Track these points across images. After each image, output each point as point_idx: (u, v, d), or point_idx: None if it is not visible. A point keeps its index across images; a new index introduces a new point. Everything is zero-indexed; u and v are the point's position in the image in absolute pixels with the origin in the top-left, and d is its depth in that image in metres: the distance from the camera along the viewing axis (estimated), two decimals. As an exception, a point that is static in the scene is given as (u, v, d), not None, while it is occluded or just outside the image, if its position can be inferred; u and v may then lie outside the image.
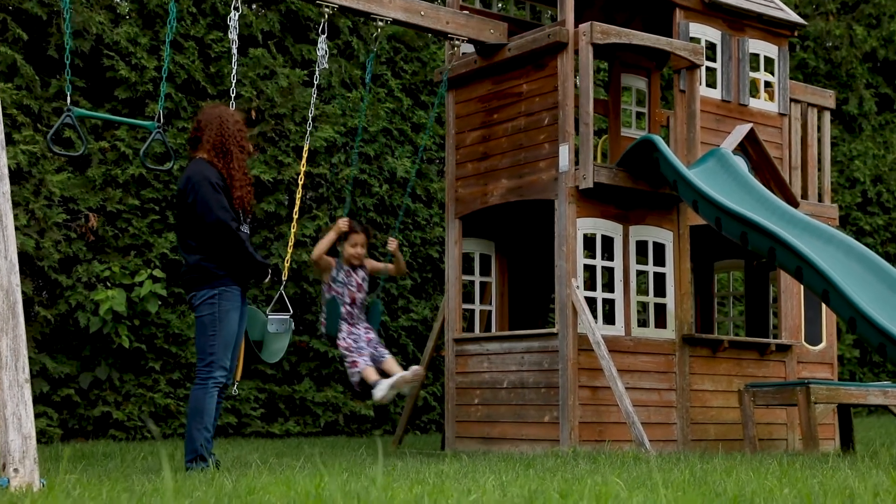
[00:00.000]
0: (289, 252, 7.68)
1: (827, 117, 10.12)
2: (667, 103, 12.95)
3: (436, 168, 12.54)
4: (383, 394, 6.98)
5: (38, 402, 9.62)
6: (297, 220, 7.66)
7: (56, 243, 9.75)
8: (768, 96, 9.65)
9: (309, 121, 8.17)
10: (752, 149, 9.13)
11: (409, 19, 8.35)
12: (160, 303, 10.17)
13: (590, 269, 8.77)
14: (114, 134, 10.29)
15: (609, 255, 8.64)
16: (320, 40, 7.82)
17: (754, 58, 9.55)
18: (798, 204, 9.20)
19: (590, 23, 8.34)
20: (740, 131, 9.07)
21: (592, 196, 8.40)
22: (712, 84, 9.33)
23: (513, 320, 9.86)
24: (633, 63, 9.66)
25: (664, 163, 8.16)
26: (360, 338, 7.28)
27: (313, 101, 7.92)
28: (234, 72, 7.38)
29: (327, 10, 7.84)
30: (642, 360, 8.48)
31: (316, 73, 7.95)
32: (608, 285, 8.63)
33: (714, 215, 7.71)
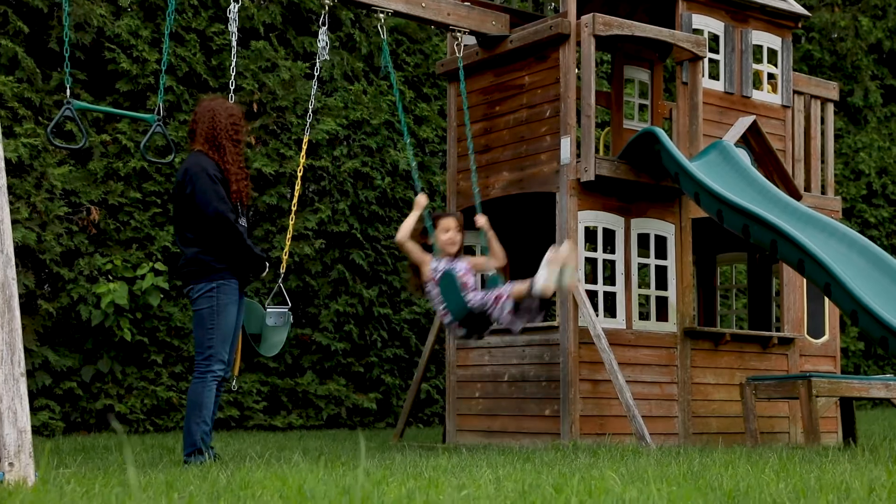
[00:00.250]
0: (287, 245, 7.67)
1: (830, 109, 10.08)
2: (670, 95, 12.90)
3: (438, 161, 12.51)
4: (545, 280, 6.08)
5: (40, 395, 9.63)
6: (295, 212, 7.64)
7: (58, 236, 9.75)
8: (771, 88, 9.60)
9: (310, 113, 8.15)
10: (754, 141, 9.09)
11: (410, 11, 8.32)
12: (162, 296, 10.17)
13: (591, 262, 8.74)
14: (115, 127, 10.28)
15: (611, 247, 8.61)
16: (321, 32, 7.79)
17: (757, 49, 9.50)
18: (801, 196, 9.16)
19: (592, 14, 8.31)
20: (743, 123, 9.03)
21: (594, 189, 8.37)
22: (715, 76, 9.29)
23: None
24: (636, 55, 9.61)
25: (666, 155, 8.13)
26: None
27: (314, 93, 7.89)
28: (233, 64, 7.37)
29: (328, 1, 7.81)
30: (644, 353, 8.46)
31: (317, 65, 7.93)
32: (610, 278, 8.61)
33: (716, 208, 7.68)
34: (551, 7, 10.29)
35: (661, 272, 8.77)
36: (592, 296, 8.44)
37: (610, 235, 8.56)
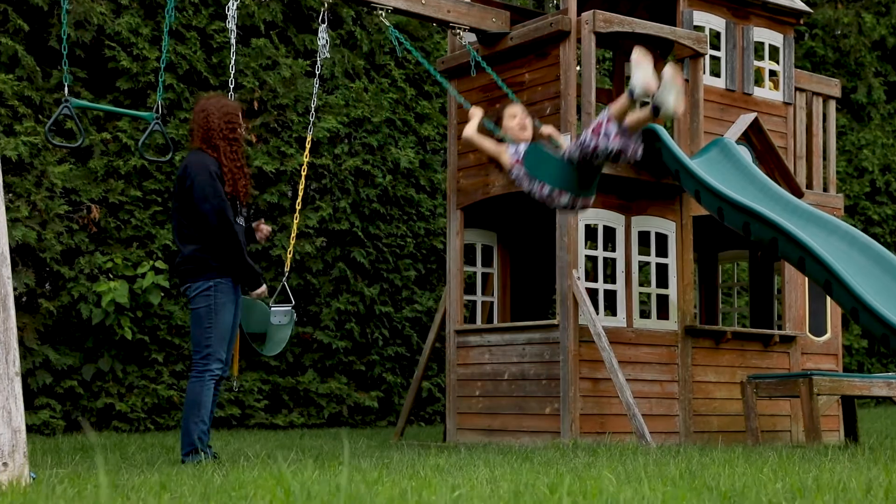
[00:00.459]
0: (291, 243, 7.66)
1: (832, 106, 10.03)
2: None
3: (440, 158, 12.49)
4: (641, 78, 5.30)
5: (40, 393, 9.62)
6: (300, 210, 7.62)
7: (58, 235, 9.74)
8: (773, 85, 9.56)
9: (312, 111, 8.13)
10: (756, 138, 9.06)
11: (410, 8, 8.30)
12: (163, 294, 10.16)
13: (592, 260, 8.71)
14: (116, 125, 10.27)
15: (611, 245, 8.58)
16: (321, 30, 7.78)
17: (759, 46, 9.46)
18: (803, 194, 9.13)
19: (592, 11, 8.28)
20: (744, 120, 9.00)
21: (594, 186, 8.33)
22: (716, 73, 9.26)
23: (515, 312, 9.81)
24: (637, 52, 9.57)
25: (666, 152, 8.10)
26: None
27: (315, 91, 7.87)
28: (233, 62, 7.35)
29: (328, -1, 7.79)
30: (644, 351, 8.43)
31: (317, 62, 7.91)
32: (610, 276, 8.58)
33: (716, 205, 7.65)
34: (552, 4, 10.26)
35: (662, 270, 8.74)
36: (593, 294, 8.41)
37: (610, 233, 8.54)
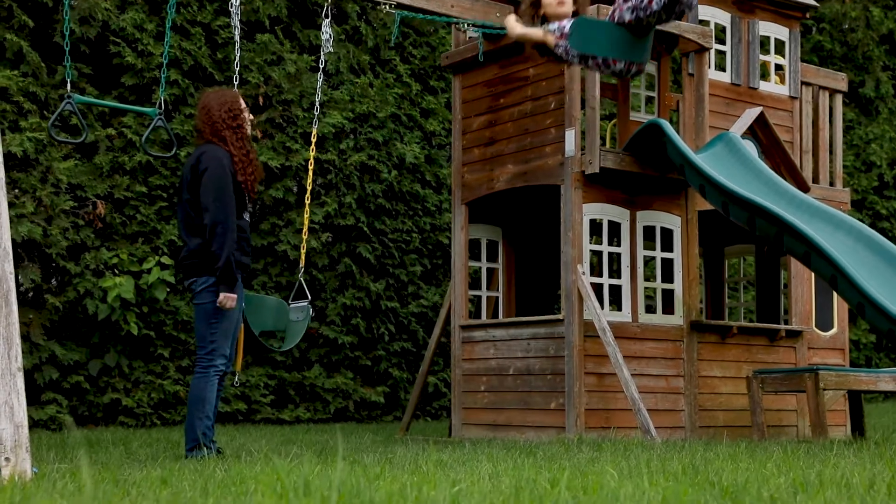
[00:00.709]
0: (304, 238, 7.66)
1: (839, 100, 9.99)
2: (678, 87, 12.82)
3: (445, 154, 12.47)
4: None
5: (47, 389, 9.64)
6: (308, 205, 7.62)
7: (64, 230, 9.75)
8: (779, 79, 9.53)
9: (317, 106, 8.12)
10: (761, 133, 9.03)
11: (413, 3, 8.27)
12: (168, 290, 10.18)
13: (597, 255, 8.69)
14: (121, 121, 10.28)
15: (616, 240, 8.56)
16: (324, 25, 7.76)
17: (765, 40, 9.43)
18: (809, 188, 9.10)
19: (597, 6, 8.24)
20: (750, 115, 8.97)
21: (599, 181, 8.32)
22: (722, 67, 9.22)
23: (520, 307, 9.80)
24: (642, 46, 9.54)
25: (671, 147, 8.08)
26: None
27: (320, 86, 7.86)
28: (237, 57, 7.35)
29: (331, -6, 7.78)
30: (649, 346, 8.42)
31: (321, 57, 7.90)
32: (615, 271, 8.56)
33: (721, 200, 7.62)
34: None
35: (668, 265, 8.72)
36: (598, 289, 8.39)
37: (615, 228, 8.51)
